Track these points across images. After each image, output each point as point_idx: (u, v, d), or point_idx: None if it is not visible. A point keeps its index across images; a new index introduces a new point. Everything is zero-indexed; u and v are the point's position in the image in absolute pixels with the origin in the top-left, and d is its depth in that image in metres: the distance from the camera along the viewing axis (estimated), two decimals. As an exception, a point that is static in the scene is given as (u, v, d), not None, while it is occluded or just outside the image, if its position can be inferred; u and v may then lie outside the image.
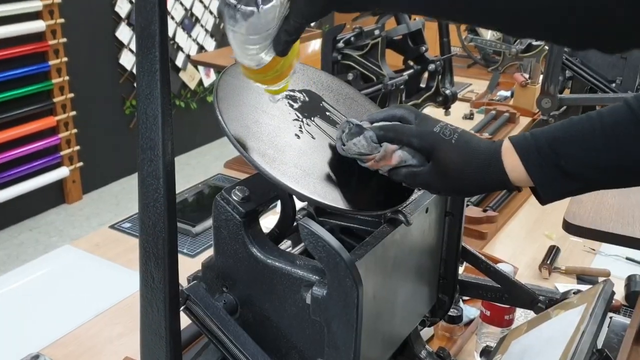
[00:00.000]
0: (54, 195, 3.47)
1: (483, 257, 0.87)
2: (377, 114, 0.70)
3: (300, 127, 0.72)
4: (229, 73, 0.72)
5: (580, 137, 0.61)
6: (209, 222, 1.46)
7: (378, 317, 0.70)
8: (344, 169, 0.70)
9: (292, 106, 0.74)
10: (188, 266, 0.73)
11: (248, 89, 0.71)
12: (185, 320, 0.69)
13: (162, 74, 0.59)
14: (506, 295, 0.86)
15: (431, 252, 0.82)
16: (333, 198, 0.66)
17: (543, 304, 0.83)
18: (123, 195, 3.65)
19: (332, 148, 0.72)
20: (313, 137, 0.72)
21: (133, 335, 1.11)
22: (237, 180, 0.69)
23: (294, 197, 0.68)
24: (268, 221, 1.30)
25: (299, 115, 0.74)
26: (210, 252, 0.71)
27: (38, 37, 3.18)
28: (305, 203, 0.74)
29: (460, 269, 0.89)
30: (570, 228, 1.04)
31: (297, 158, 0.67)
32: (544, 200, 0.64)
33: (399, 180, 0.68)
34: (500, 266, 0.89)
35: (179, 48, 4.04)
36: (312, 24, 4.79)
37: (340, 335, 0.61)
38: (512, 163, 0.63)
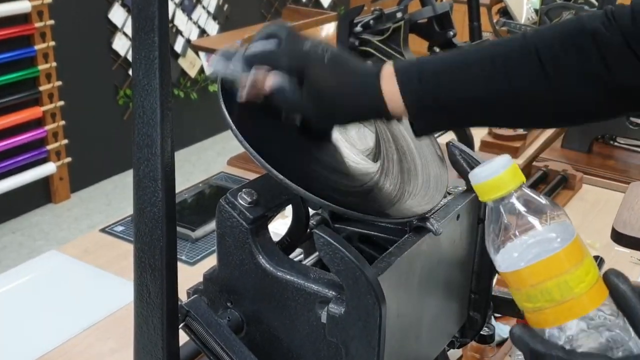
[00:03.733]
0: (39, 194, 3.48)
1: (520, 270, 0.85)
2: (254, 39, 0.69)
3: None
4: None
5: (464, 66, 0.64)
6: (210, 226, 1.45)
7: (402, 338, 0.69)
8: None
9: None
10: (187, 276, 0.72)
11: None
12: (182, 338, 0.68)
13: (162, 62, 0.59)
14: (546, 314, 0.85)
15: (462, 264, 0.81)
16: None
17: (588, 324, 0.82)
18: (115, 195, 3.67)
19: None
20: (336, 138, 0.71)
21: (126, 351, 1.10)
22: (242, 179, 0.68)
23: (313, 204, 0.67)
24: (274, 226, 1.29)
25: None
26: (211, 260, 0.70)
27: (23, 18, 3.19)
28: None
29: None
30: (620, 239, 1.02)
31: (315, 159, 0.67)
32: (416, 131, 0.67)
33: (275, 104, 0.66)
34: (539, 280, 0.87)
35: (178, 32, 4.05)
36: (326, 5, 4.78)
37: (359, 358, 0.60)
38: (391, 90, 0.64)
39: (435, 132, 0.70)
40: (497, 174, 0.59)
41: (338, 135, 0.71)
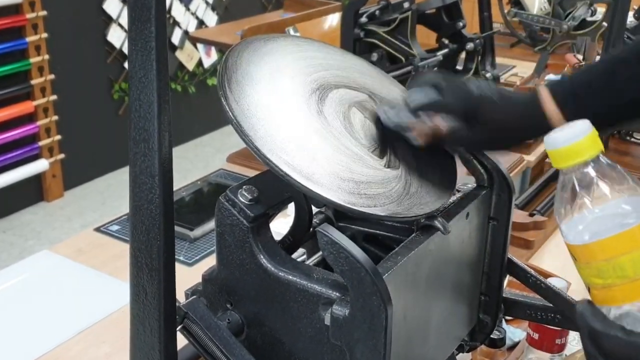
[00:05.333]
0: (31, 192, 3.49)
1: (532, 271, 0.85)
2: (409, 89, 0.78)
3: (322, 117, 0.71)
4: (236, 52, 0.71)
5: (609, 74, 0.74)
6: (209, 225, 1.46)
7: (409, 341, 0.69)
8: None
9: (313, 95, 0.73)
10: (185, 277, 0.72)
11: (260, 71, 0.70)
12: (180, 340, 0.68)
13: (159, 54, 0.59)
14: (559, 316, 0.85)
15: (471, 264, 0.81)
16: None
17: (603, 327, 0.82)
18: (110, 193, 3.67)
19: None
20: (338, 130, 0.71)
21: (121, 355, 1.11)
22: (242, 177, 0.68)
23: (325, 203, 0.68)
24: (275, 225, 1.29)
25: (320, 105, 0.73)
26: (210, 260, 0.71)
27: (14, 9, 3.20)
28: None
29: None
30: None
31: (318, 154, 0.67)
32: None
33: (448, 145, 0.76)
34: (551, 281, 0.88)
35: (176, 23, 4.05)
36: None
37: (364, 362, 0.60)
38: (553, 112, 0.73)
39: None
40: (577, 140, 0.58)
41: (342, 130, 0.71)
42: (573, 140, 0.58)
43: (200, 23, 4.22)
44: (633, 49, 0.75)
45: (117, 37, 3.72)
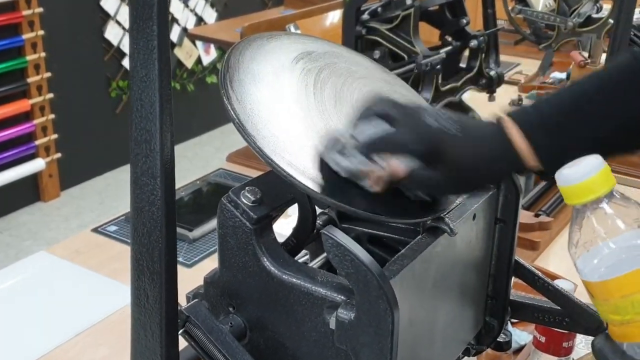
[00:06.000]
0: (27, 192, 3.49)
1: (539, 273, 0.85)
2: (357, 121, 0.67)
3: (326, 116, 0.71)
4: (239, 50, 0.71)
5: (584, 104, 0.68)
6: (208, 226, 1.46)
7: (415, 345, 0.69)
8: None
9: (317, 93, 0.73)
10: (185, 278, 0.72)
11: (263, 70, 0.70)
12: (182, 344, 0.68)
13: (161, 53, 0.58)
14: (567, 319, 0.84)
15: (478, 266, 0.81)
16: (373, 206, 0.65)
17: (612, 330, 0.81)
18: (108, 193, 3.67)
19: None
20: (341, 130, 0.71)
21: (120, 357, 1.10)
22: (242, 176, 0.68)
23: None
24: (278, 226, 1.29)
25: (325, 104, 0.73)
26: (210, 261, 0.70)
27: (10, 6, 3.19)
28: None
29: (509, 287, 0.87)
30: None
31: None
32: (548, 178, 0.68)
33: (414, 192, 0.68)
34: (558, 283, 0.87)
35: (174, 20, 4.05)
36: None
37: (370, 367, 0.60)
38: (524, 150, 0.67)
39: None
40: (590, 176, 0.58)
41: (347, 130, 0.71)
42: (586, 177, 0.58)
43: (199, 20, 4.22)
44: (595, 83, 0.70)
45: (114, 34, 3.72)
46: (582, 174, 0.58)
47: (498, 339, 0.93)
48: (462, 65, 1.63)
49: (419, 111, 0.67)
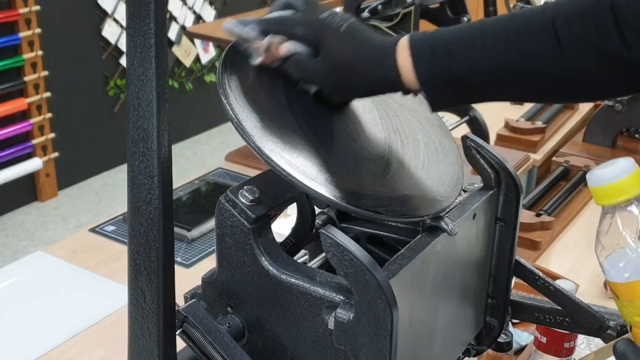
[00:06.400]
0: (24, 191, 3.49)
1: (540, 273, 0.85)
2: (270, 8, 0.73)
3: (326, 114, 0.71)
4: (236, 48, 0.71)
5: (478, 40, 0.66)
6: (206, 226, 1.46)
7: (415, 345, 0.69)
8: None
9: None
10: (183, 278, 0.72)
11: (261, 68, 0.70)
12: (179, 345, 0.68)
13: (158, 50, 0.59)
14: (568, 320, 0.85)
15: (478, 266, 0.81)
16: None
17: (614, 330, 0.81)
18: (105, 193, 3.67)
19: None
20: (340, 129, 0.71)
21: (117, 359, 1.11)
22: (241, 176, 0.68)
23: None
24: (276, 226, 1.29)
25: (323, 102, 0.73)
26: (208, 262, 0.71)
27: (6, 4, 3.19)
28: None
29: (510, 287, 0.87)
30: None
31: (321, 153, 0.67)
32: (431, 106, 0.69)
33: (290, 72, 0.70)
34: (559, 283, 0.87)
35: (172, 18, 4.05)
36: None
37: (369, 367, 0.60)
38: (405, 62, 0.67)
39: (450, 106, 0.73)
40: (622, 178, 0.58)
41: (346, 128, 0.71)
42: (617, 178, 0.58)
43: (198, 18, 4.22)
44: (503, 23, 0.67)
45: (112, 32, 3.72)
46: (614, 175, 0.58)
47: (499, 340, 0.93)
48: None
49: (320, 6, 0.71)
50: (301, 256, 0.79)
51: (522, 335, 1.10)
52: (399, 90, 0.69)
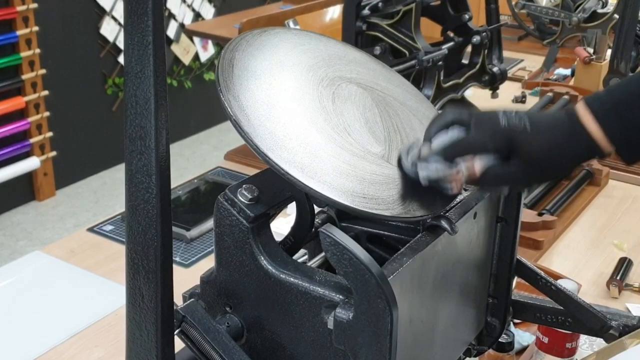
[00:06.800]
0: (22, 191, 3.49)
1: (542, 273, 0.85)
2: (431, 129, 0.73)
3: (324, 112, 0.71)
4: (235, 45, 0.71)
5: None
6: (205, 225, 1.46)
7: (415, 345, 0.69)
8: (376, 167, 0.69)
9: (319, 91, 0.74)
10: (182, 278, 0.73)
11: (259, 66, 0.70)
12: (178, 345, 0.68)
13: (156, 48, 0.59)
14: (570, 320, 0.85)
15: (479, 266, 0.81)
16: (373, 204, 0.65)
17: (616, 330, 0.82)
18: (104, 192, 3.67)
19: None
20: (340, 128, 0.71)
21: (115, 359, 1.11)
22: (241, 175, 0.68)
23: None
24: (276, 225, 1.29)
25: (322, 100, 0.73)
26: (207, 261, 0.71)
27: (4, 1, 3.20)
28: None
29: (512, 286, 0.87)
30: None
31: (320, 151, 0.66)
32: (628, 162, 0.73)
33: (490, 189, 0.75)
34: (561, 283, 0.88)
35: (171, 16, 4.05)
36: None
37: (369, 367, 0.60)
38: (597, 134, 0.70)
39: None
40: None
41: (345, 126, 0.71)
42: None
43: (197, 16, 4.22)
44: None
45: (110, 30, 3.72)
46: None
47: (500, 340, 0.94)
48: (465, 61, 1.63)
49: (490, 114, 0.72)
50: (301, 255, 0.79)
51: (523, 335, 1.10)
52: (598, 157, 0.73)
